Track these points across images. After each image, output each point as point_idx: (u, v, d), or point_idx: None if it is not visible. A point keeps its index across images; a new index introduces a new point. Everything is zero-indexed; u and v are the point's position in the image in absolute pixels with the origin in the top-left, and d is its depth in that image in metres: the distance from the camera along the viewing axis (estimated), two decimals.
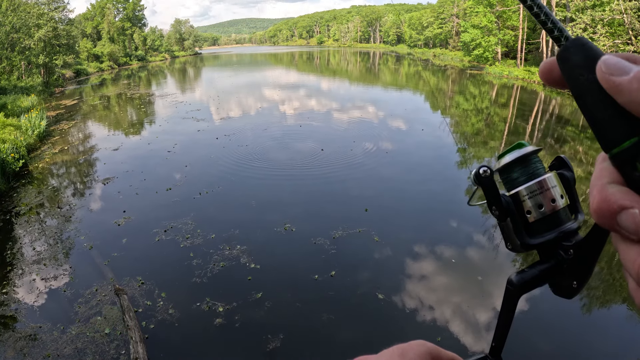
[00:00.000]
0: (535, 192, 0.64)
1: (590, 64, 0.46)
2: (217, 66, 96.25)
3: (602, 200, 0.44)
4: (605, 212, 0.43)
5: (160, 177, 16.26)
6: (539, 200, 0.64)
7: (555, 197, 0.63)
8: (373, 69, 79.26)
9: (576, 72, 0.48)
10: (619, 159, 0.44)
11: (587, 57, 0.47)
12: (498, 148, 21.08)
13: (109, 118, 30.81)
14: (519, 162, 0.67)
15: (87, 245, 11.14)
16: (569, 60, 0.48)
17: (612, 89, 0.43)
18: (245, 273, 9.65)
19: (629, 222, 0.42)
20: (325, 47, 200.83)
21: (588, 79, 0.46)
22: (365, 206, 13.27)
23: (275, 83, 50.25)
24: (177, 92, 44.50)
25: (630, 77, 0.41)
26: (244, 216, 12.77)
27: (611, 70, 0.43)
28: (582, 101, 0.48)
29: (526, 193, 0.65)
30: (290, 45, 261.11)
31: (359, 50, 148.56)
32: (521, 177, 0.67)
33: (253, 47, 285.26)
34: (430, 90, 43.29)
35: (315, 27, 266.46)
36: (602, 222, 0.44)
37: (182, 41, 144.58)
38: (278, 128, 25.22)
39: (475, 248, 11.14)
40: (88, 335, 7.75)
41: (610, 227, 0.44)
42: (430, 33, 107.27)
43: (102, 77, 66.74)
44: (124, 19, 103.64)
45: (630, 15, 31.50)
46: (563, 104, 34.72)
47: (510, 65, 56.30)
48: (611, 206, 0.43)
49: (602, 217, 0.44)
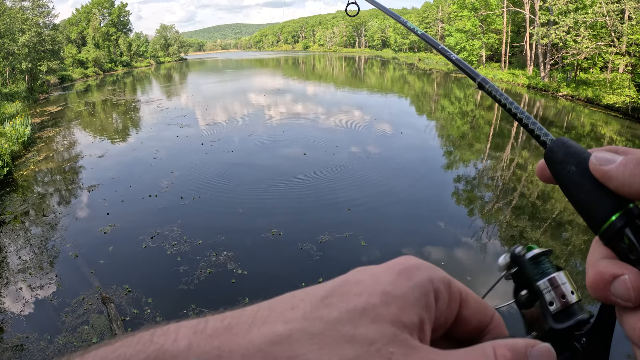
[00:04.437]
0: (547, 289, 0.64)
1: (570, 159, 0.52)
2: (203, 72, 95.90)
3: (595, 274, 0.47)
4: (600, 284, 0.47)
5: (146, 184, 16.12)
6: (550, 297, 0.63)
7: (565, 293, 0.62)
8: (358, 74, 79.47)
9: (560, 166, 0.53)
10: (607, 235, 0.48)
11: (568, 153, 0.53)
12: (484, 150, 21.22)
13: (94, 125, 30.56)
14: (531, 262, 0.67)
15: (72, 253, 11.01)
16: (553, 159, 0.55)
17: (603, 176, 0.48)
18: (232, 279, 9.62)
19: (621, 289, 0.45)
20: (310, 52, 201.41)
21: (570, 171, 0.52)
22: (350, 210, 13.34)
23: (260, 88, 50.16)
24: (163, 98, 44.27)
25: (616, 164, 0.47)
26: (231, 222, 12.74)
27: (600, 161, 0.49)
28: (568, 191, 0.52)
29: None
30: (276, 51, 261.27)
31: (345, 55, 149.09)
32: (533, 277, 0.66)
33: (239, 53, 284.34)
34: (416, 94, 43.50)
35: (301, 32, 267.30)
36: (598, 295, 0.47)
37: (167, 47, 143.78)
38: (263, 133, 25.20)
39: (463, 249, 11.23)
40: (75, 344, 7.68)
41: (605, 298, 0.47)
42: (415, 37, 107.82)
43: (87, 83, 66.16)
44: (109, 24, 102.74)
45: (613, 17, 31.86)
46: (547, 106, 35.12)
47: (494, 69, 56.88)
48: (603, 277, 0.46)
49: (597, 290, 0.47)
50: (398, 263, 0.46)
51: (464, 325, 0.49)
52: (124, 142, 24.30)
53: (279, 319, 0.37)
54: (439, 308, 0.45)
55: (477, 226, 12.73)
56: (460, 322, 0.48)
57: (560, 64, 40.54)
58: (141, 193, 15.05)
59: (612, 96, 31.36)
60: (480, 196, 15.67)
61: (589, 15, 33.31)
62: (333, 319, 0.37)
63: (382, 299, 0.40)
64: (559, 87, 38.99)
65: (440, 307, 0.45)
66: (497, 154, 20.65)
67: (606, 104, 31.54)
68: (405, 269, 0.45)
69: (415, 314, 0.41)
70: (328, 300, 0.40)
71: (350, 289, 0.41)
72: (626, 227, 0.46)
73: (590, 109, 32.50)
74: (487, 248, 11.37)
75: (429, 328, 0.43)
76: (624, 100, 29.94)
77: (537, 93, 41.54)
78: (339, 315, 0.38)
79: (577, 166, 0.52)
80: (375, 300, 0.40)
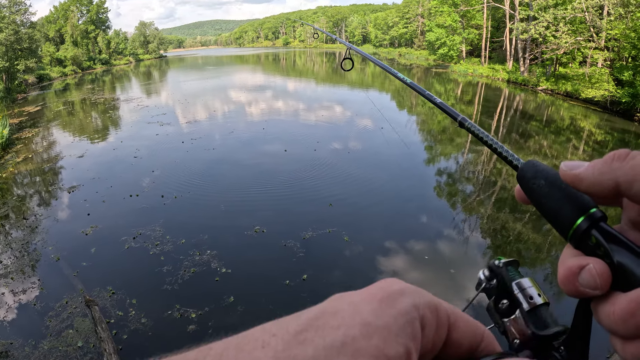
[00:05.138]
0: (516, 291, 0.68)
1: (539, 175, 0.57)
2: (183, 69, 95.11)
3: (563, 269, 0.49)
4: (569, 277, 0.48)
5: (127, 183, 15.97)
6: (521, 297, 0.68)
7: (532, 295, 0.67)
8: (338, 69, 79.40)
9: (530, 182, 0.58)
10: (576, 237, 0.51)
11: (537, 171, 0.58)
12: (464, 144, 21.37)
13: (73, 124, 30.19)
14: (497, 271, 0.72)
15: (54, 256, 10.89)
16: (525, 177, 0.59)
17: (574, 179, 0.51)
18: (216, 278, 9.61)
19: (587, 277, 0.47)
20: (291, 48, 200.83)
21: (539, 184, 0.57)
22: (332, 205, 13.40)
23: (241, 85, 49.93)
24: (142, 96, 43.84)
25: (585, 167, 0.51)
26: (214, 220, 12.69)
27: (570, 167, 0.52)
28: (538, 203, 0.57)
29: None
30: (256, 47, 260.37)
31: (325, 50, 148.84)
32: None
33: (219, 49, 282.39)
34: (396, 89, 43.62)
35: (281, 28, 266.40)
36: (568, 289, 0.48)
37: (146, 44, 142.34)
38: (245, 130, 25.16)
39: (446, 242, 11.32)
40: (60, 349, 7.61)
41: (575, 291, 0.48)
42: (395, 33, 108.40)
43: (66, 82, 65.32)
44: (87, 21, 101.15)
45: (592, 13, 32.21)
46: (527, 100, 35.44)
47: (474, 63, 57.27)
48: (571, 270, 0.48)
49: (566, 284, 0.48)
50: (380, 288, 0.44)
51: (455, 348, 0.48)
52: (104, 142, 24.02)
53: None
54: (425, 335, 0.43)
55: (460, 219, 12.84)
56: (450, 345, 0.47)
57: (540, 58, 40.91)
58: (122, 193, 14.91)
59: (591, 90, 31.76)
60: (462, 190, 15.80)
61: (569, 11, 33.60)
62: (308, 359, 0.34)
63: (362, 331, 0.37)
64: (539, 82, 39.42)
65: (428, 335, 0.43)
66: (478, 148, 20.80)
67: (585, 98, 31.93)
68: (388, 296, 0.42)
69: (400, 345, 0.38)
70: (302, 336, 0.36)
71: (327, 322, 0.38)
72: (592, 228, 0.50)
73: (570, 102, 32.87)
74: (469, 241, 11.48)
75: (415, 357, 0.40)
76: (603, 94, 30.32)
77: (517, 87, 41.90)
78: (315, 354, 0.35)
79: (545, 180, 0.57)
80: (354, 332, 0.37)
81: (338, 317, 0.39)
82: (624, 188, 0.47)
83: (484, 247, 11.32)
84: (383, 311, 0.40)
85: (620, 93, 28.19)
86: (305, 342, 0.36)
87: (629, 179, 0.46)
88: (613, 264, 0.47)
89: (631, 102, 27.06)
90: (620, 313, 0.43)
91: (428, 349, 0.44)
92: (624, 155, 0.48)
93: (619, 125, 25.19)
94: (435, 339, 0.44)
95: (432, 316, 0.44)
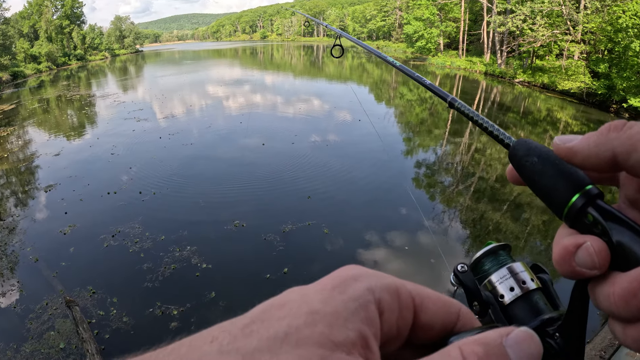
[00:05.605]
0: (505, 276, 0.68)
1: (532, 152, 0.55)
2: (160, 64, 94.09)
3: (559, 249, 0.46)
4: (565, 257, 0.45)
5: (105, 181, 15.78)
6: (510, 283, 0.68)
7: (525, 279, 0.67)
8: (317, 62, 79.43)
9: (523, 160, 0.55)
10: (571, 215, 0.48)
11: (530, 148, 0.55)
12: (443, 136, 21.50)
13: (49, 122, 29.69)
14: (489, 254, 0.72)
15: (33, 257, 10.71)
16: (517, 155, 0.57)
17: (568, 152, 0.50)
18: (197, 273, 9.59)
19: (584, 256, 0.44)
20: (268, 41, 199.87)
21: (532, 162, 0.54)
22: (311, 198, 13.44)
23: (219, 79, 49.59)
24: (119, 92, 43.24)
25: (580, 139, 0.49)
26: (193, 216, 12.64)
27: (564, 140, 0.50)
28: (531, 181, 0.54)
29: (496, 279, 0.69)
30: (234, 41, 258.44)
31: (303, 44, 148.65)
32: (492, 268, 0.71)
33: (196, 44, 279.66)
34: (374, 82, 43.72)
35: (259, 21, 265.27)
36: (564, 270, 0.46)
37: (122, 39, 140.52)
38: (222, 125, 25.13)
39: (425, 233, 11.39)
40: (43, 352, 7.52)
41: (572, 271, 0.45)
42: (373, 26, 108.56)
43: (41, 79, 64.17)
44: (62, 16, 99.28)
45: (568, 6, 32.61)
46: (504, 92, 35.77)
47: (452, 56, 57.54)
48: (567, 249, 0.45)
49: (562, 264, 0.46)
50: (333, 277, 0.42)
51: (426, 331, 0.44)
52: (80, 139, 23.69)
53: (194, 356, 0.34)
54: (386, 320, 0.40)
55: (439, 210, 12.95)
56: (420, 328, 0.44)
57: (517, 51, 41.27)
58: (100, 191, 14.74)
59: (568, 82, 32.26)
60: (440, 181, 15.92)
61: (545, 4, 33.96)
62: (251, 350, 0.34)
63: (306, 320, 0.36)
64: (516, 74, 39.83)
65: (389, 319, 0.40)
66: (456, 139, 20.94)
67: (562, 90, 32.43)
68: (340, 282, 0.40)
69: (350, 330, 0.36)
70: (249, 329, 0.36)
71: (273, 314, 0.38)
72: (588, 206, 0.47)
73: (546, 94, 33.25)
74: (449, 231, 11.59)
75: (375, 343, 0.38)
76: (579, 86, 30.85)
77: (494, 80, 42.23)
78: (258, 345, 0.34)
79: (538, 157, 0.54)
80: (298, 322, 0.36)
81: (285, 309, 0.38)
82: (622, 159, 0.45)
83: (464, 237, 11.43)
84: (333, 298, 0.38)
85: (597, 85, 28.62)
86: (250, 335, 0.35)
87: (627, 149, 0.44)
88: (611, 242, 0.44)
89: (607, 94, 27.52)
90: (621, 293, 0.41)
91: (393, 335, 0.41)
92: (621, 125, 0.47)
93: (595, 117, 25.54)
94: (400, 324, 0.42)
95: (392, 299, 0.41)
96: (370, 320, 0.38)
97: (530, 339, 0.38)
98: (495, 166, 16.47)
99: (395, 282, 0.43)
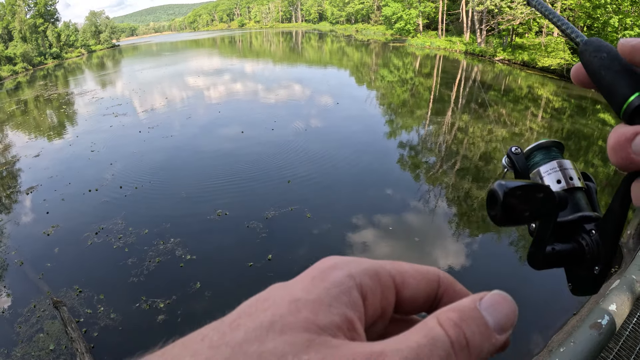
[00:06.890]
0: (554, 169, 0.72)
1: (602, 48, 0.57)
2: (137, 57, 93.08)
3: (616, 136, 0.48)
4: (621, 143, 0.47)
5: (86, 179, 15.60)
6: (557, 176, 0.71)
7: (572, 176, 0.70)
8: (296, 48, 79.10)
9: (592, 55, 0.58)
10: (629, 111, 0.51)
11: (601, 45, 0.58)
12: (425, 116, 21.46)
13: (27, 123, 29.17)
14: (541, 148, 0.76)
15: (18, 261, 10.60)
16: (587, 51, 0.59)
17: (632, 50, 0.52)
18: (181, 264, 9.54)
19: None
20: (247, 29, 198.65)
21: (601, 57, 0.56)
22: (292, 182, 13.44)
23: (197, 70, 49.15)
24: (97, 88, 42.74)
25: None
26: (175, 208, 12.55)
27: (629, 40, 0.52)
28: (598, 76, 0.57)
29: (545, 170, 0.73)
30: (211, 30, 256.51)
31: (282, 30, 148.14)
32: (543, 160, 0.75)
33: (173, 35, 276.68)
34: (355, 65, 43.60)
35: (236, 9, 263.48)
36: (619, 157, 0.48)
37: (98, 34, 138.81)
38: (202, 115, 25.01)
39: (410, 213, 11.45)
40: (33, 354, 7.45)
41: (625, 157, 0.47)
42: (351, 9, 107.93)
43: (17, 81, 63.32)
44: (35, 15, 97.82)
45: None
46: (485, 71, 35.82)
47: (432, 37, 57.60)
48: (625, 135, 0.47)
49: (618, 151, 0.48)
50: (314, 268, 0.43)
51: (411, 304, 0.45)
52: (60, 139, 23.36)
53: (186, 355, 0.35)
54: (370, 303, 0.41)
55: (423, 190, 12.92)
56: (405, 303, 0.44)
57: (496, 29, 41.35)
58: (81, 189, 14.57)
59: (548, 59, 32.36)
60: (424, 161, 15.88)
61: None
62: (239, 341, 0.35)
63: (290, 308, 0.37)
64: (496, 52, 39.95)
65: (372, 301, 0.41)
66: (439, 119, 20.90)
67: (542, 67, 32.59)
68: (320, 273, 0.41)
69: (335, 315, 0.37)
70: (235, 323, 0.37)
71: (258, 307, 0.38)
72: None
73: (527, 72, 33.42)
74: (435, 210, 11.59)
75: (360, 325, 0.39)
76: (559, 62, 31.00)
77: (475, 58, 42.33)
78: (245, 336, 0.35)
79: (607, 53, 0.56)
80: (282, 310, 0.37)
81: (269, 301, 0.39)
82: None
83: (449, 216, 11.42)
84: (315, 286, 0.39)
85: (577, 61, 28.67)
86: (237, 328, 0.36)
87: None
88: None
89: None
90: None
91: (377, 316, 0.42)
92: None
93: (576, 92, 25.59)
94: (384, 304, 0.42)
95: (373, 282, 0.42)
96: (353, 304, 0.39)
97: (504, 300, 0.39)
98: (479, 144, 16.47)
99: (374, 265, 0.43)
